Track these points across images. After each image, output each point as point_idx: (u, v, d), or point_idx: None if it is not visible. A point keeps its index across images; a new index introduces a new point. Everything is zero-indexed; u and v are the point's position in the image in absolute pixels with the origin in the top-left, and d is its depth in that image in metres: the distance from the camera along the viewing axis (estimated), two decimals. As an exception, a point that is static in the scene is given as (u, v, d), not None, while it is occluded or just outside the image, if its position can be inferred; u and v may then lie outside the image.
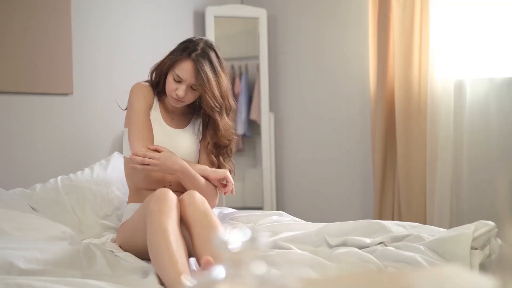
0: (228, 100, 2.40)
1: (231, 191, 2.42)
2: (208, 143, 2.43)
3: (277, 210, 4.07)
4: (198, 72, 2.27)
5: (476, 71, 3.33)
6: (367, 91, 3.76)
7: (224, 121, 2.40)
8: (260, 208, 4.16)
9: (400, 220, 3.49)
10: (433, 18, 3.37)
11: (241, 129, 4.40)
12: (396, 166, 3.57)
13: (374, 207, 3.63)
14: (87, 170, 2.75)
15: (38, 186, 2.56)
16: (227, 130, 2.42)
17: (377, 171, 3.59)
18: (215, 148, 2.44)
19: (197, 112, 2.54)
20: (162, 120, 2.44)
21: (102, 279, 1.83)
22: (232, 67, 4.37)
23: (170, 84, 2.33)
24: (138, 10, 3.48)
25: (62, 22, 2.96)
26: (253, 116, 4.32)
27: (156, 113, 2.43)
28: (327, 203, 4.02)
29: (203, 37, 2.42)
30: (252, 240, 0.64)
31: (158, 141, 2.37)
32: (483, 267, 1.87)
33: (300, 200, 4.16)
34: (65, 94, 3.02)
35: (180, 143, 2.41)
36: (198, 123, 2.52)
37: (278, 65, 4.19)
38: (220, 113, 2.38)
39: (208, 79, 2.28)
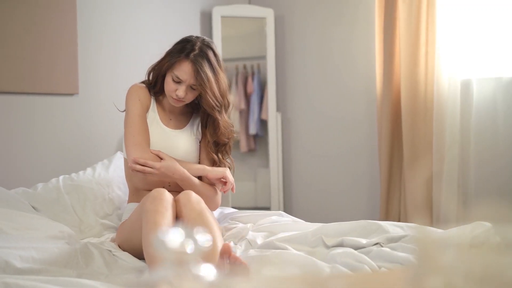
0: (227, 98, 2.41)
1: (232, 189, 2.43)
2: (208, 141, 2.44)
3: (285, 209, 4.08)
4: (197, 72, 2.28)
5: (482, 71, 3.30)
6: (374, 90, 3.75)
7: (224, 119, 2.42)
8: (268, 208, 4.16)
9: (406, 219, 3.47)
10: (439, 17, 3.34)
11: (253, 129, 4.40)
12: (402, 165, 3.55)
13: (381, 206, 3.61)
14: (89, 170, 2.77)
15: (40, 185, 2.58)
16: (226, 128, 2.43)
17: (384, 170, 3.57)
18: (214, 146, 2.45)
19: (196, 111, 2.54)
20: (159, 121, 2.45)
21: (98, 279, 1.84)
22: (245, 66, 4.38)
23: (169, 85, 2.34)
24: (144, 10, 3.49)
25: (67, 23, 2.99)
26: (264, 116, 4.32)
27: (153, 114, 2.44)
28: (334, 202, 4.01)
29: (200, 36, 2.42)
30: (190, 241, 0.64)
31: (156, 142, 2.38)
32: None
33: (307, 199, 4.16)
34: (71, 94, 3.04)
35: (178, 143, 2.42)
36: (197, 123, 2.53)
37: (285, 65, 4.19)
38: (220, 112, 2.39)
39: (208, 79, 2.29)
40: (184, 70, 2.30)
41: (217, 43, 3.96)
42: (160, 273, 0.59)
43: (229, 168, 2.46)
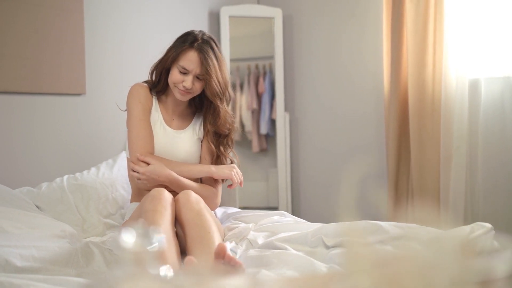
0: (228, 90, 2.43)
1: (240, 184, 2.45)
2: (208, 130, 2.45)
3: (292, 209, 4.08)
4: (204, 59, 2.30)
5: (491, 70, 3.28)
6: (381, 89, 3.73)
7: (224, 108, 2.43)
8: (276, 208, 4.16)
9: (414, 219, 3.45)
10: (447, 16, 3.32)
11: (264, 128, 4.40)
12: (410, 165, 3.54)
13: (388, 206, 3.59)
14: (93, 169, 2.78)
15: (44, 185, 2.60)
16: (226, 117, 2.44)
17: (391, 170, 3.56)
18: (215, 137, 2.46)
19: (199, 110, 2.55)
20: (163, 121, 2.46)
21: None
22: (257, 66, 4.38)
23: (175, 77, 2.34)
24: (152, 11, 3.51)
25: (75, 23, 3.01)
26: (274, 115, 4.32)
27: (157, 113, 2.45)
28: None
29: (201, 30, 2.44)
30: (145, 240, 0.65)
31: (159, 142, 2.40)
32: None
33: (315, 199, 4.15)
34: (78, 94, 3.06)
35: (180, 144, 2.43)
36: (199, 122, 2.54)
37: (293, 64, 4.19)
38: (221, 100, 2.40)
39: (213, 65, 2.32)
40: (190, 59, 2.31)
41: (225, 43, 3.96)
42: (118, 272, 0.60)
43: (231, 161, 2.48)
